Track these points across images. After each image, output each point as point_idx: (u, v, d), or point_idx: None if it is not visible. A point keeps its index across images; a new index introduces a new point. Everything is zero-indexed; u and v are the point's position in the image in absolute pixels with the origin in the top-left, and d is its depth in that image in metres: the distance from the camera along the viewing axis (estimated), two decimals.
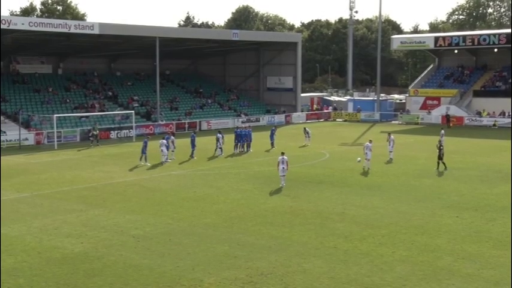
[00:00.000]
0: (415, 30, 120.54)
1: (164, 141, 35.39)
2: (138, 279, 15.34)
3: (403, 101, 73.43)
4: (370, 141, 33.47)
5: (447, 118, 59.61)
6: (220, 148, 37.87)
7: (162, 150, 34.88)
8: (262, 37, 70.59)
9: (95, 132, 44.34)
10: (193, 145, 36.81)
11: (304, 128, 45.53)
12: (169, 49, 60.52)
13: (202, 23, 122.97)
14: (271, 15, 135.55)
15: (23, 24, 45.86)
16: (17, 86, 54.94)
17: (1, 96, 51.14)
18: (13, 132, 44.17)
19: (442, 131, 41.88)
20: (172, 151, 36.25)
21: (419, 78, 74.77)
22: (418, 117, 64.15)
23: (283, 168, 27.22)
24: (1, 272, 15.76)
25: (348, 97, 79.73)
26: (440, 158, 31.98)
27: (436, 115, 62.96)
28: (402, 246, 18.13)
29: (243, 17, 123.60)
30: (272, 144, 41.78)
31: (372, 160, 32.66)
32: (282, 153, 27.94)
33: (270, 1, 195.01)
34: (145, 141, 34.72)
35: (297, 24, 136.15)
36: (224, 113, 62.83)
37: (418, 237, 19.15)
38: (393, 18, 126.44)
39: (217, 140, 37.95)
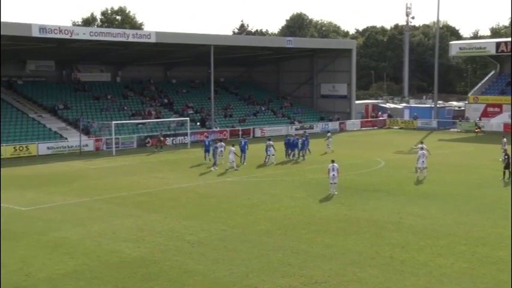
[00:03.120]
0: (475, 36, 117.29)
1: (233, 148, 35.17)
2: (193, 285, 15.46)
3: (462, 108, 71.47)
4: (422, 148, 32.80)
5: (476, 126, 59.75)
6: (273, 155, 37.82)
7: (229, 158, 34.69)
8: (317, 44, 70.40)
9: (161, 138, 46.48)
10: (243, 151, 36.93)
11: (328, 132, 45.19)
12: (223, 57, 61.16)
13: (257, 30, 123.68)
14: (325, 22, 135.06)
15: (84, 34, 47.36)
16: (78, 94, 56.77)
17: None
18: (74, 139, 45.62)
19: (504, 139, 40.49)
20: (221, 156, 36.57)
21: (480, 84, 72.50)
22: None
23: (333, 175, 27.00)
24: (63, 275, 16.25)
25: (404, 104, 78.33)
26: (507, 167, 30.85)
27: (497, 122, 60.94)
28: (462, 258, 17.57)
29: (297, 24, 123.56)
30: (308, 150, 41.06)
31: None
32: (332, 161, 27.70)
33: (324, 8, 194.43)
34: (216, 147, 35.03)
35: (352, 31, 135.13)
36: (278, 120, 62.89)
37: (479, 248, 18.51)
38: (452, 23, 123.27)
39: (269, 147, 37.91)
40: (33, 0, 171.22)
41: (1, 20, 43.18)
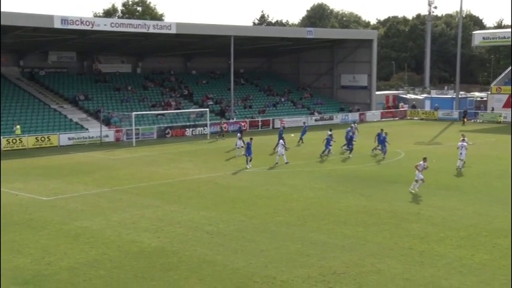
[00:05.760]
0: (499, 25, 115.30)
1: (282, 141, 34.16)
2: (212, 275, 15.56)
3: (485, 98, 70.49)
4: (463, 140, 31.90)
5: (464, 114, 61.15)
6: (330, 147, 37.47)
7: (279, 151, 34.05)
8: (337, 35, 69.96)
9: (222, 127, 48.93)
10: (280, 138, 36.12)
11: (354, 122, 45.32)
12: (243, 48, 61.11)
13: (277, 21, 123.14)
14: (346, 12, 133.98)
15: (105, 25, 47.68)
16: (99, 85, 57.24)
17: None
18: (95, 129, 46.08)
19: None
20: (242, 147, 36.41)
21: (503, 75, 71.40)
22: (500, 116, 61.40)
23: (418, 173, 25.46)
24: (84, 264, 16.50)
25: (425, 95, 77.58)
26: None
27: None
28: (483, 249, 17.40)
29: (317, 15, 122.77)
30: (301, 139, 43.04)
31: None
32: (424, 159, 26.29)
33: None
34: (249, 143, 33.24)
35: (373, 21, 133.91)
36: (297, 111, 62.74)
37: (501, 240, 18.31)
38: (475, 13, 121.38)
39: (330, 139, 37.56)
40: None
41: (16, 12, 43.66)
